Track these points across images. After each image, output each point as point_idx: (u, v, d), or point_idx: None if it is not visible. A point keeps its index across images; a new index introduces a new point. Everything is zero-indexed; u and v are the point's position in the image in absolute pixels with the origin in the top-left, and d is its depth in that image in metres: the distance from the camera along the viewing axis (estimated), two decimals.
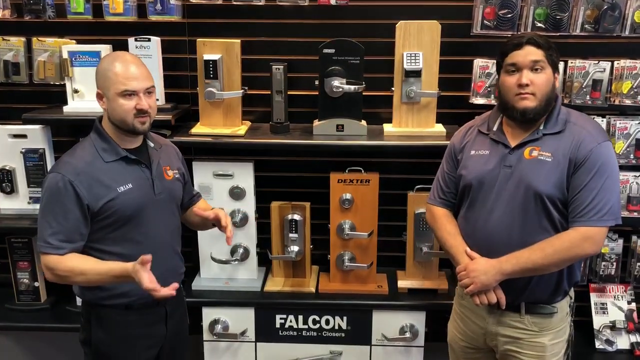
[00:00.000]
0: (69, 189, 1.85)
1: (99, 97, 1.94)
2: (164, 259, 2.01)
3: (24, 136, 2.62)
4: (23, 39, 2.65)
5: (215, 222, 2.11)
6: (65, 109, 2.58)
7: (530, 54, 1.87)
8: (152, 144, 2.05)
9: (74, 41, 2.61)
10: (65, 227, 1.87)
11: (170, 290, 1.81)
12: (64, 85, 2.58)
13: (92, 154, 1.93)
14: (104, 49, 2.53)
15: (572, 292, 2.06)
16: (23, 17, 2.63)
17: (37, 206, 2.59)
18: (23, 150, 2.62)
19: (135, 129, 1.92)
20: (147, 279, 1.77)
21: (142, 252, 1.83)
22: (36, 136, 2.61)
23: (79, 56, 2.53)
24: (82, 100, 2.56)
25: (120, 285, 1.93)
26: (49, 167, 2.60)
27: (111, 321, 2.00)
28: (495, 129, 2.01)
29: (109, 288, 1.95)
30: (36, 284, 2.79)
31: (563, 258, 1.86)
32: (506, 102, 1.93)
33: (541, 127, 1.93)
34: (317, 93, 2.54)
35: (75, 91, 2.56)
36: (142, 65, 1.93)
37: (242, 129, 2.59)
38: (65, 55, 2.52)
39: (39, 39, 2.64)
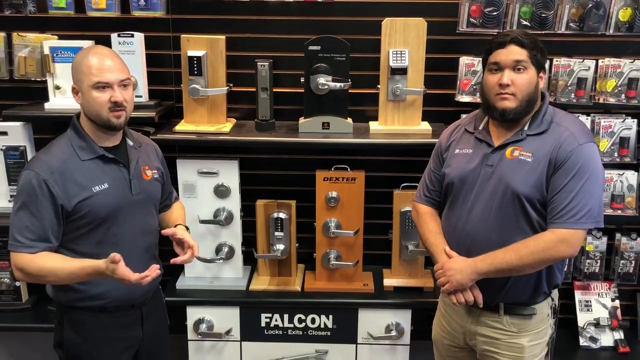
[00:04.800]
0: (43, 188, 1.80)
1: (74, 91, 1.89)
2: (139, 262, 1.95)
3: (4, 133, 2.57)
4: (3, 34, 2.60)
5: (177, 241, 2.02)
6: (47, 105, 2.54)
7: (512, 53, 1.85)
8: (131, 143, 2.00)
9: (56, 37, 2.57)
10: (38, 227, 1.82)
11: (152, 270, 1.80)
12: (45, 81, 2.54)
13: (68, 151, 1.87)
14: (86, 45, 2.48)
15: (554, 294, 2.04)
16: (3, 12, 2.59)
17: None
18: (3, 148, 2.57)
19: (110, 124, 1.86)
20: (131, 273, 1.75)
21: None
22: (17, 133, 2.57)
23: (61, 52, 2.49)
24: (64, 96, 2.52)
25: (94, 287, 1.90)
26: None
27: (84, 323, 1.95)
28: (481, 128, 2.00)
29: (82, 290, 1.90)
30: (17, 283, 2.75)
31: (538, 259, 1.84)
32: (487, 101, 1.92)
33: (525, 128, 1.91)
34: (302, 90, 2.52)
35: (57, 87, 2.52)
36: (117, 58, 1.89)
37: (227, 126, 2.57)
38: (46, 51, 2.49)
39: (20, 34, 2.59)
